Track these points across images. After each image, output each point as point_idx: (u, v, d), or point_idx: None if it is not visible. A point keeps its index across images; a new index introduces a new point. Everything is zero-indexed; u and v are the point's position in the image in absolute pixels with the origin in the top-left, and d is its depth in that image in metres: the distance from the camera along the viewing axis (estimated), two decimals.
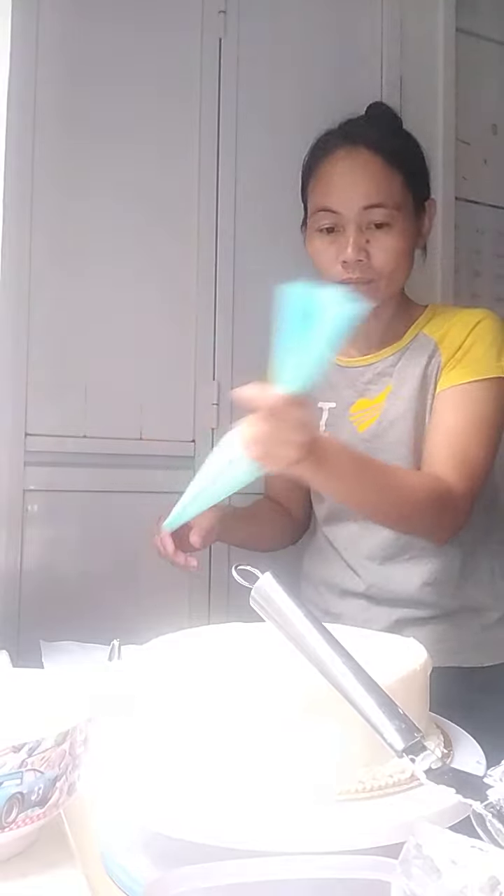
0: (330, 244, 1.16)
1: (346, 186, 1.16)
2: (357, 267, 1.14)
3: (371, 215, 1.14)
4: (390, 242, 1.15)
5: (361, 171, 1.16)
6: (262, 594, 0.70)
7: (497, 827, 0.52)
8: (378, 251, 1.15)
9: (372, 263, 1.15)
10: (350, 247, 1.13)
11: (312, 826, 0.59)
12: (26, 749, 0.53)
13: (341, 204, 1.15)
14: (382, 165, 1.16)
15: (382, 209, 1.14)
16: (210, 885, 0.50)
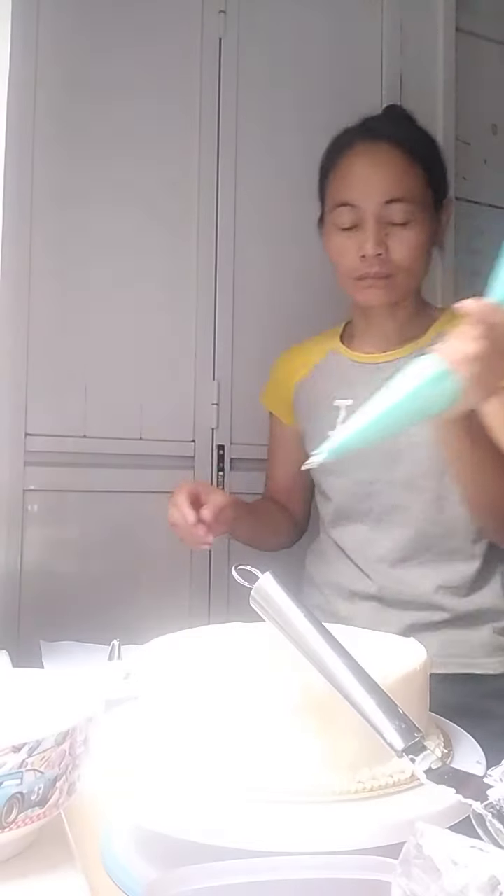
0: (349, 239, 1.16)
1: (367, 180, 1.15)
2: (376, 261, 1.14)
3: (391, 210, 1.14)
4: (410, 238, 1.15)
5: (383, 165, 1.15)
6: (262, 594, 0.70)
7: (497, 827, 0.52)
8: (397, 246, 1.14)
9: (391, 258, 1.14)
10: (370, 241, 1.13)
11: (313, 826, 0.59)
12: (26, 749, 0.53)
13: (362, 198, 1.15)
14: (404, 160, 1.15)
15: (403, 204, 1.14)
16: (210, 885, 0.50)
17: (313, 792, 0.62)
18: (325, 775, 0.63)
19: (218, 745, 0.65)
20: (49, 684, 0.67)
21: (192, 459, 1.76)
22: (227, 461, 1.78)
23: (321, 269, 1.89)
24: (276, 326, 1.85)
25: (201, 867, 0.51)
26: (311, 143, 1.89)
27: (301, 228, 1.88)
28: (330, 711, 0.63)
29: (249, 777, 0.63)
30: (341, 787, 0.63)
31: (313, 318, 1.87)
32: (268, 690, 0.64)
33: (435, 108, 2.01)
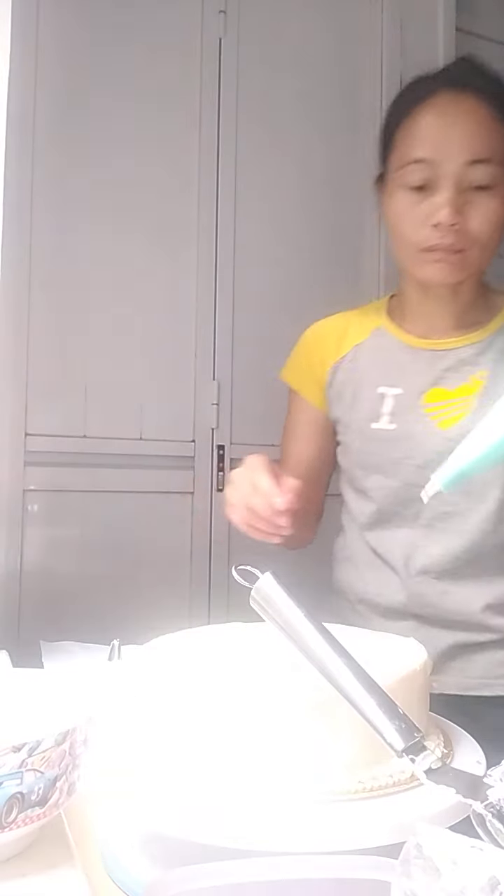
0: (418, 203, 0.98)
1: (448, 136, 0.97)
2: (450, 232, 0.97)
3: (474, 172, 0.96)
4: (492, 207, 0.97)
5: (468, 120, 0.98)
6: (262, 594, 0.70)
7: (497, 827, 0.52)
8: (477, 215, 0.97)
9: (468, 229, 0.97)
10: (447, 207, 0.96)
11: (312, 826, 0.59)
12: (26, 749, 0.53)
13: (441, 154, 0.97)
14: (491, 114, 0.98)
15: (488, 166, 0.96)
16: (210, 885, 0.50)
17: (313, 792, 0.62)
18: (325, 775, 0.63)
19: (218, 746, 0.65)
20: (49, 684, 0.67)
21: (192, 459, 1.76)
22: (227, 461, 1.78)
23: (321, 269, 1.90)
24: (276, 327, 1.85)
25: (201, 867, 0.51)
26: (311, 143, 1.90)
27: (302, 227, 1.89)
28: (330, 711, 0.63)
29: (249, 777, 0.63)
30: (341, 787, 0.63)
31: (314, 319, 1.87)
32: (267, 691, 0.64)
33: None
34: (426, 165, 0.98)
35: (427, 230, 0.98)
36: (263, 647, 0.74)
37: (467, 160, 0.97)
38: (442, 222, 0.97)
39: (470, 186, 0.97)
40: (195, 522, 1.76)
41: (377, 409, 1.08)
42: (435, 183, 0.98)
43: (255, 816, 0.60)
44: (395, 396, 1.08)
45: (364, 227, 1.95)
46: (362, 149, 1.97)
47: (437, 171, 0.97)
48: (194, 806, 0.61)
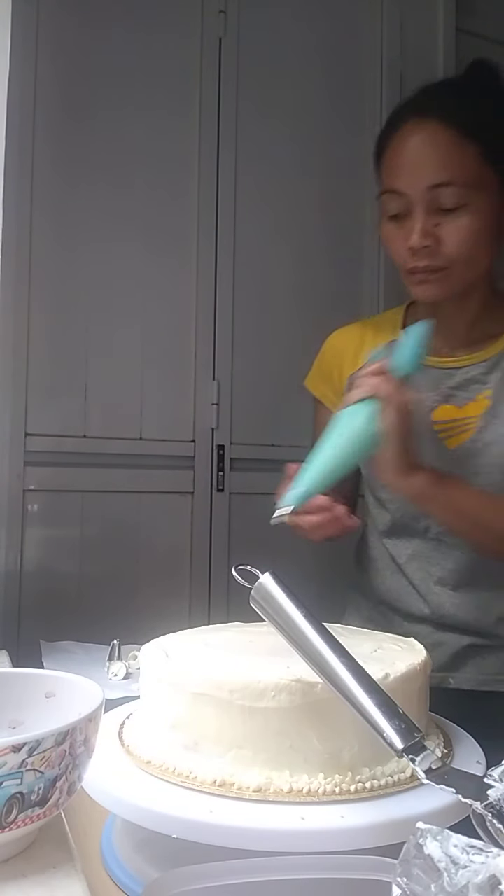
0: (398, 229, 1.04)
1: (412, 165, 1.02)
2: (425, 254, 1.01)
3: (440, 196, 1.00)
4: (464, 225, 1.01)
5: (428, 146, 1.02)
6: (262, 594, 0.70)
7: (497, 827, 0.52)
8: (449, 235, 1.01)
9: (443, 250, 1.01)
10: (416, 232, 1.01)
11: (313, 826, 0.59)
12: (26, 749, 0.53)
13: (406, 184, 1.02)
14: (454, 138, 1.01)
15: (452, 188, 1.00)
16: (210, 885, 0.50)
17: (313, 792, 0.62)
18: (325, 775, 0.63)
19: (218, 745, 0.65)
20: (49, 684, 0.67)
21: (192, 459, 1.76)
22: (227, 461, 1.78)
23: (321, 269, 1.90)
24: (276, 327, 1.86)
25: (201, 867, 0.51)
26: (311, 143, 1.90)
27: (301, 228, 1.89)
28: (330, 711, 0.63)
29: (248, 777, 0.63)
30: (341, 787, 0.63)
31: (314, 319, 1.87)
32: (267, 690, 0.64)
33: None
34: (398, 194, 1.03)
35: (406, 253, 1.03)
36: (263, 647, 0.74)
37: (430, 185, 1.00)
38: (414, 246, 1.01)
39: (441, 208, 1.01)
40: (195, 522, 1.76)
41: None
42: (408, 209, 1.02)
43: (254, 816, 0.60)
44: None
45: (364, 227, 1.95)
46: (362, 148, 1.97)
47: (407, 198, 1.02)
48: (194, 806, 0.61)
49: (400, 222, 1.04)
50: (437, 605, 1.11)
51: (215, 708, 0.65)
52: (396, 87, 1.99)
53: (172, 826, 0.60)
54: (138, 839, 0.66)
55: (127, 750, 0.70)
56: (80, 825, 0.69)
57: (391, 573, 1.16)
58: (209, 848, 0.58)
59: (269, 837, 0.58)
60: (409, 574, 1.14)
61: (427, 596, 1.12)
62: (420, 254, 1.02)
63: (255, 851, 0.56)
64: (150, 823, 0.61)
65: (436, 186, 1.00)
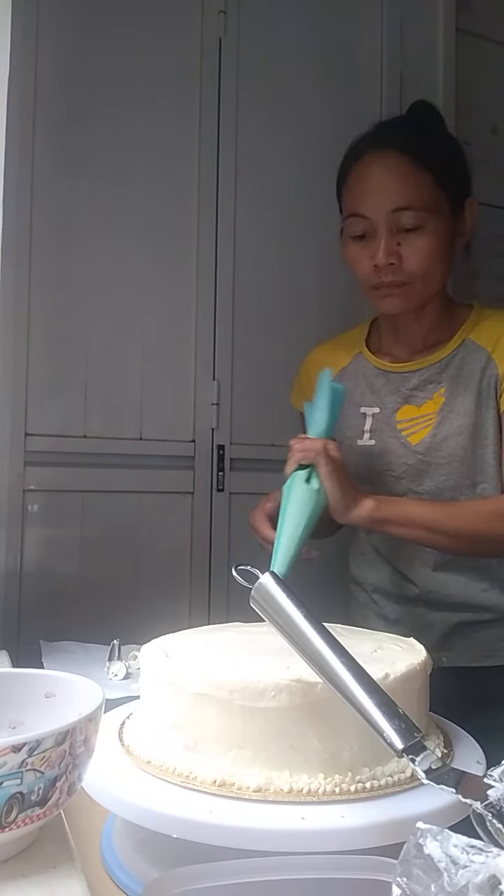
0: (363, 249, 1.15)
1: (375, 190, 1.14)
2: (389, 270, 1.13)
3: (401, 218, 1.12)
4: (422, 244, 1.13)
5: (389, 174, 1.14)
6: (262, 594, 0.70)
7: (497, 827, 0.52)
8: (410, 253, 1.13)
9: (404, 266, 1.13)
10: (381, 251, 1.12)
11: (313, 826, 0.59)
12: (26, 749, 0.53)
13: (370, 208, 1.13)
14: (411, 167, 1.13)
15: (412, 212, 1.12)
16: (210, 885, 0.50)
17: (313, 792, 0.62)
18: (325, 775, 0.63)
19: (218, 745, 0.65)
20: (49, 684, 0.67)
21: (192, 459, 1.76)
22: (227, 461, 1.78)
23: (321, 269, 1.90)
24: (276, 327, 1.86)
25: (201, 867, 0.51)
26: (310, 143, 1.90)
27: (301, 228, 1.89)
28: (330, 711, 0.63)
29: (248, 777, 0.63)
30: (341, 787, 0.63)
31: (313, 319, 1.87)
32: (267, 690, 0.64)
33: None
34: (363, 218, 1.14)
35: (371, 270, 1.15)
36: (262, 647, 0.74)
37: (392, 209, 1.12)
38: (379, 264, 1.13)
39: (402, 229, 1.13)
40: (195, 522, 1.76)
41: (360, 427, 1.25)
42: (372, 230, 1.14)
43: (254, 816, 0.60)
44: (374, 415, 1.24)
45: None
46: None
47: (371, 221, 1.14)
48: (194, 806, 0.61)
49: (364, 243, 1.15)
50: (423, 583, 1.21)
51: (215, 708, 0.65)
52: (396, 87, 1.99)
53: (172, 826, 0.60)
54: (138, 839, 0.66)
55: (127, 750, 0.70)
56: (80, 825, 0.69)
57: (379, 563, 1.27)
58: (209, 848, 0.58)
59: (269, 837, 0.58)
60: (393, 562, 1.24)
61: (414, 578, 1.22)
62: (385, 270, 1.13)
63: (255, 851, 0.56)
64: (150, 823, 0.61)
65: (397, 210, 1.12)
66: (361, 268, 1.16)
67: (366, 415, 1.24)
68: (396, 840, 0.54)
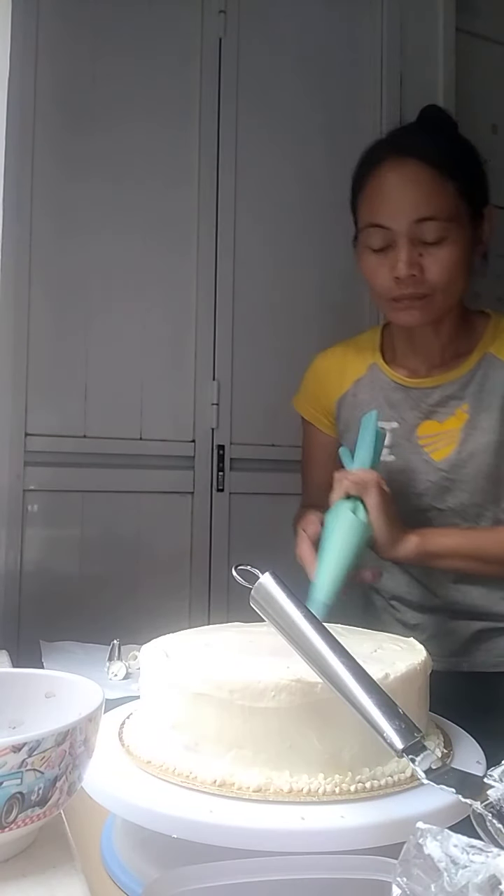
0: (382, 260, 1.11)
1: (396, 200, 1.09)
2: (411, 282, 1.09)
3: (423, 229, 1.08)
4: (445, 255, 1.09)
5: (411, 184, 1.09)
6: (262, 594, 0.70)
7: (497, 827, 0.52)
8: (432, 265, 1.09)
9: (426, 278, 1.09)
10: (402, 262, 1.08)
11: (313, 826, 0.59)
12: (26, 749, 0.53)
13: (391, 219, 1.09)
14: (433, 176, 1.09)
15: (434, 222, 1.08)
16: (210, 885, 0.50)
17: (313, 792, 0.62)
18: (325, 775, 0.63)
19: (218, 745, 0.65)
20: (49, 684, 0.67)
21: (192, 459, 1.76)
22: (227, 461, 1.78)
23: (321, 269, 1.90)
24: (276, 327, 1.86)
25: (201, 867, 0.51)
26: (311, 143, 1.90)
27: (301, 228, 1.89)
28: (330, 711, 0.63)
29: (248, 776, 0.63)
30: (341, 787, 0.63)
31: (313, 319, 1.87)
32: (267, 690, 0.64)
33: None
34: (382, 228, 1.10)
35: (392, 283, 1.10)
36: (262, 647, 0.74)
37: (414, 220, 1.08)
38: (401, 276, 1.08)
39: (423, 241, 1.08)
40: (195, 522, 1.76)
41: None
42: (392, 241, 1.09)
43: (254, 816, 0.60)
44: (392, 430, 1.19)
45: None
46: (362, 149, 1.97)
47: (391, 232, 1.09)
48: (194, 806, 0.61)
49: (383, 254, 1.10)
50: (444, 594, 1.19)
51: (215, 708, 0.65)
52: (396, 87, 1.99)
53: (172, 826, 0.60)
54: (138, 839, 0.66)
55: (127, 750, 0.70)
56: (80, 825, 0.69)
57: (398, 571, 1.23)
58: (209, 848, 0.58)
59: (269, 837, 0.58)
60: (412, 571, 1.22)
61: (434, 588, 1.20)
62: (405, 282, 1.09)
63: (255, 851, 0.56)
64: (150, 823, 0.61)
65: (419, 221, 1.08)
66: (380, 279, 1.12)
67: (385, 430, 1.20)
68: (396, 840, 0.54)
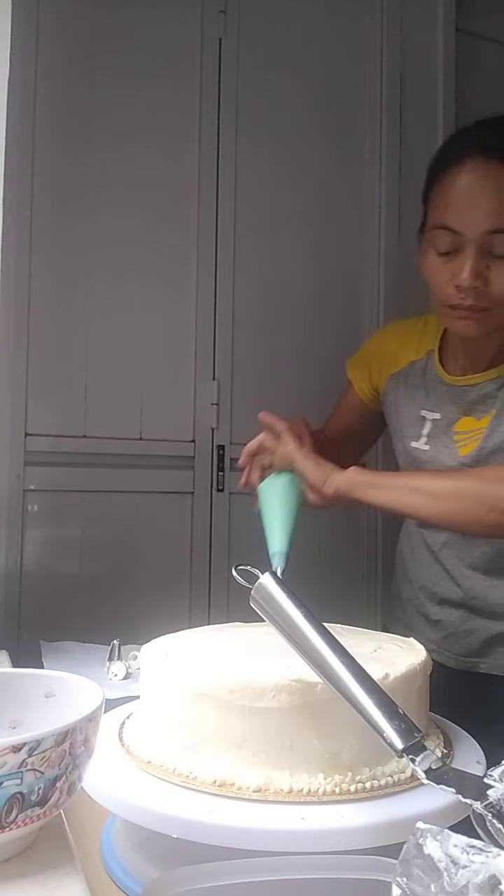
0: (445, 263, 1.05)
1: (471, 206, 1.02)
2: (472, 293, 1.03)
3: (494, 240, 1.01)
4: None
5: (492, 191, 1.01)
6: (262, 594, 0.70)
7: (497, 827, 0.52)
8: (498, 279, 1.02)
9: (490, 291, 1.03)
10: (467, 271, 1.01)
11: (313, 826, 0.59)
12: (26, 749, 0.53)
13: (463, 224, 1.02)
14: None
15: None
16: (210, 885, 0.50)
17: (313, 792, 0.62)
18: (325, 775, 0.63)
19: (218, 745, 0.65)
20: (49, 684, 0.67)
21: (192, 459, 1.76)
22: (227, 461, 1.78)
23: (321, 269, 1.90)
24: (276, 327, 1.86)
25: (201, 867, 0.51)
26: (311, 143, 1.89)
27: (301, 228, 1.89)
28: (330, 711, 0.63)
29: (248, 776, 0.63)
30: (341, 787, 0.63)
31: (313, 319, 1.87)
32: (267, 690, 0.64)
33: (435, 108, 2.01)
34: (451, 232, 1.03)
35: (452, 290, 1.04)
36: (262, 647, 0.74)
37: (488, 230, 1.01)
38: (463, 285, 1.02)
39: (492, 252, 1.02)
40: (195, 522, 1.76)
41: (418, 429, 1.20)
42: (460, 247, 1.03)
43: (254, 816, 0.60)
44: (434, 421, 1.18)
45: (364, 227, 1.95)
46: (362, 147, 1.98)
47: (461, 237, 1.02)
48: (194, 806, 0.61)
49: (448, 258, 1.04)
50: (469, 588, 1.17)
51: (215, 708, 0.65)
52: (396, 87, 1.99)
53: (172, 826, 0.60)
54: (138, 839, 0.66)
55: (127, 750, 0.70)
56: (80, 825, 0.69)
57: (428, 559, 1.23)
58: (209, 848, 0.58)
59: (269, 837, 0.58)
60: (443, 560, 1.21)
61: (460, 580, 1.18)
62: (468, 293, 1.03)
63: (255, 851, 0.56)
64: (150, 823, 0.61)
65: (494, 232, 1.01)
66: (440, 284, 1.06)
67: (426, 419, 1.19)
68: (396, 840, 0.54)
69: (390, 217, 1.95)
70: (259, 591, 0.70)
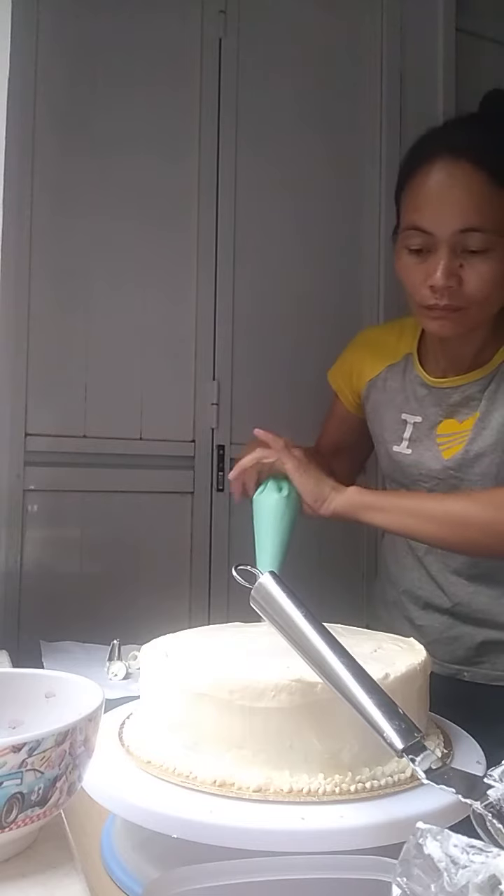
0: (419, 264, 1.04)
1: (442, 205, 1.02)
2: (447, 293, 1.02)
3: (467, 239, 1.00)
4: (486, 269, 1.01)
5: (460, 190, 1.01)
6: (262, 594, 0.70)
7: (497, 827, 0.52)
8: (472, 277, 1.02)
9: (464, 290, 1.02)
10: (440, 271, 1.01)
11: (313, 826, 0.59)
12: (26, 749, 0.53)
13: (434, 224, 1.01)
14: (486, 183, 1.00)
15: (480, 234, 1.00)
16: (210, 885, 0.50)
17: (313, 792, 0.62)
18: (325, 775, 0.63)
19: (218, 745, 0.65)
20: (49, 684, 0.67)
21: (192, 459, 1.76)
22: (227, 461, 1.78)
23: (321, 269, 1.90)
24: (276, 327, 1.86)
25: (201, 867, 0.51)
26: (310, 144, 1.89)
27: (301, 228, 1.89)
28: (330, 711, 0.63)
29: (248, 776, 0.63)
30: (341, 787, 0.63)
31: (313, 319, 1.87)
32: (267, 690, 0.64)
33: (435, 108, 2.01)
34: (423, 232, 1.03)
35: (426, 290, 1.03)
36: (262, 647, 0.74)
37: (459, 229, 1.00)
38: (436, 285, 1.02)
39: (465, 250, 1.01)
40: (195, 522, 1.76)
41: (399, 433, 1.19)
42: (432, 247, 1.02)
43: (254, 816, 0.60)
44: (415, 424, 1.18)
45: (364, 227, 1.95)
46: (362, 146, 1.98)
47: (433, 237, 1.02)
48: (194, 806, 0.61)
49: (421, 258, 1.04)
50: (454, 594, 1.17)
51: (215, 708, 0.65)
52: (396, 86, 1.99)
53: (172, 826, 0.60)
54: (138, 839, 0.66)
55: (127, 750, 0.70)
56: (80, 825, 0.69)
57: (411, 563, 1.22)
58: (209, 848, 0.58)
59: (269, 837, 0.58)
60: (427, 565, 1.20)
61: (444, 586, 1.17)
62: (442, 292, 1.02)
63: (255, 851, 0.56)
64: (150, 823, 0.61)
65: (465, 231, 1.00)
66: (415, 285, 1.05)
67: (407, 422, 1.18)
68: (396, 840, 0.54)
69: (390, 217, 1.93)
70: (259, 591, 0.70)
